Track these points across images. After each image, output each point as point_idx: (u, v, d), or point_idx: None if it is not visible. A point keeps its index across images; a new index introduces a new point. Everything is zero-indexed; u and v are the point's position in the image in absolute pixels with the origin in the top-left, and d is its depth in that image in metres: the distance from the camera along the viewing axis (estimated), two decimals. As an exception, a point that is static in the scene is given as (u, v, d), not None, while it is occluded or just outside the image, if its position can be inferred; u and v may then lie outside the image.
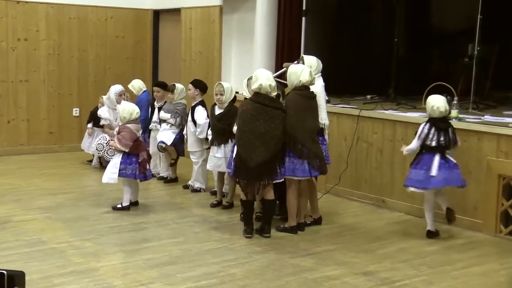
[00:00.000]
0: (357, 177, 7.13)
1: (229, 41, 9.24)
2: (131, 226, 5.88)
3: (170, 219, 6.17)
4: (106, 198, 6.85)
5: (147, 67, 10.52)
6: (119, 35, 10.20)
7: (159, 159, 7.95)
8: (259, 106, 5.44)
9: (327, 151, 5.90)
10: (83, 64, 9.87)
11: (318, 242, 5.58)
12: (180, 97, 7.56)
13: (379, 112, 6.96)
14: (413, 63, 9.08)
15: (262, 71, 5.59)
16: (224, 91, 6.55)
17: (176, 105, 7.52)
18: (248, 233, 5.61)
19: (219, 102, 6.59)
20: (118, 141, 6.29)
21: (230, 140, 6.48)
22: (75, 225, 5.85)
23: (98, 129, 8.52)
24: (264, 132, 5.42)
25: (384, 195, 6.85)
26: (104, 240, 5.45)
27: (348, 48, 8.69)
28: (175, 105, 7.52)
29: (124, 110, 6.39)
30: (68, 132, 9.81)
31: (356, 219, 6.40)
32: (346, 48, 8.66)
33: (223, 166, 6.59)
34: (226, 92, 6.55)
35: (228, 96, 6.58)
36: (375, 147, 6.92)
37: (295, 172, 5.57)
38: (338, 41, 8.60)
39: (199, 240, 5.50)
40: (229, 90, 6.59)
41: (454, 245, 5.61)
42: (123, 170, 6.28)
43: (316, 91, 5.73)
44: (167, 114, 7.52)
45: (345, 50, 8.63)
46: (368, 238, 5.74)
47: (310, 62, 5.91)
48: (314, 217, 6.11)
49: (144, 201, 6.73)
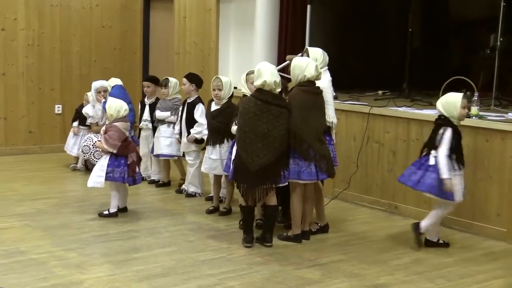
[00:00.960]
0: (367, 181, 7.14)
1: (227, 32, 9.24)
2: (119, 234, 5.89)
3: (162, 226, 6.18)
4: (92, 204, 6.85)
5: (136, 60, 10.52)
6: (106, 25, 10.21)
7: (150, 161, 7.96)
8: (262, 104, 5.44)
9: (334, 152, 5.91)
10: (66, 56, 9.88)
11: (324, 252, 5.58)
12: (175, 92, 7.57)
13: (391, 109, 6.97)
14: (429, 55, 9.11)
15: (266, 66, 5.57)
16: (222, 85, 6.56)
17: (173, 101, 7.50)
18: (247, 242, 5.62)
19: (216, 97, 6.60)
20: (104, 141, 6.30)
21: (226, 140, 6.49)
22: (57, 234, 5.85)
23: (84, 129, 8.53)
24: (267, 132, 5.43)
25: (397, 201, 6.86)
26: (89, 250, 5.45)
27: (357, 39, 8.70)
28: (172, 101, 7.51)
29: (111, 107, 6.39)
30: (50, 131, 9.81)
31: (367, 227, 6.41)
32: (356, 39, 8.67)
33: (218, 169, 6.60)
34: (224, 87, 6.56)
35: (226, 91, 6.59)
36: (387, 147, 6.93)
37: (300, 175, 5.58)
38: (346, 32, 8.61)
39: (194, 250, 5.51)
40: (228, 85, 6.60)
41: (474, 255, 5.62)
42: (110, 173, 6.28)
43: (322, 86, 5.74)
44: (165, 112, 7.50)
45: (355, 41, 8.65)
46: (379, 247, 5.75)
47: (316, 54, 5.92)
48: (320, 224, 6.12)
49: (134, 207, 6.74)
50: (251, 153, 5.42)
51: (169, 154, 7.54)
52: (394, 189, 6.86)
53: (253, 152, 5.42)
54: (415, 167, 5.62)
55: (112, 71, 9.36)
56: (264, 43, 8.60)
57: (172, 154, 7.53)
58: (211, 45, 9.21)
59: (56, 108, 9.85)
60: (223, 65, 9.20)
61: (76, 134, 8.60)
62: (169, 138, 7.47)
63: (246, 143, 5.45)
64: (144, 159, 7.55)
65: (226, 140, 6.50)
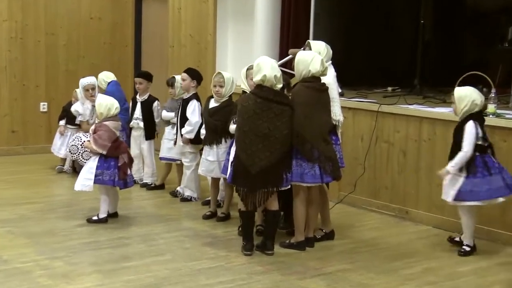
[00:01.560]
0: (376, 184, 7.14)
1: (225, 24, 9.24)
2: (109, 242, 5.89)
3: (155, 233, 6.18)
4: (80, 209, 6.85)
5: (128, 54, 10.53)
6: (95, 16, 10.21)
7: (142, 163, 7.97)
8: (263, 102, 5.44)
9: (340, 152, 5.92)
10: (51, 50, 9.88)
11: (330, 260, 5.58)
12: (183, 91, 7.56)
13: (402, 107, 6.97)
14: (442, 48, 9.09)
15: (266, 60, 5.58)
16: (224, 82, 6.56)
17: (180, 101, 7.47)
18: (247, 249, 5.62)
19: (217, 94, 6.61)
20: (94, 141, 6.30)
21: (224, 140, 6.50)
22: (42, 241, 5.85)
23: (71, 128, 8.53)
24: (268, 132, 5.43)
25: (408, 205, 6.86)
26: (76, 258, 5.45)
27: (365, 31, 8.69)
28: (178, 101, 7.45)
29: (101, 105, 6.39)
30: (34, 131, 9.82)
31: (375, 234, 6.41)
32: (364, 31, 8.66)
33: (215, 171, 6.61)
34: (226, 84, 6.57)
35: (228, 88, 6.59)
36: (398, 148, 6.93)
37: (303, 178, 5.58)
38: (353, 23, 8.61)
39: (189, 258, 5.51)
40: (230, 82, 6.60)
41: (491, 265, 5.61)
42: (99, 175, 6.28)
43: (327, 82, 5.74)
44: (170, 113, 7.50)
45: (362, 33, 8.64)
46: (389, 256, 5.75)
47: (318, 48, 5.92)
48: (325, 230, 6.13)
49: (125, 213, 6.74)
50: (251, 154, 5.43)
51: (170, 157, 7.56)
52: (405, 192, 6.86)
53: (254, 153, 5.42)
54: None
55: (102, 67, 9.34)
56: (265, 35, 8.61)
57: (173, 158, 7.54)
58: (208, 38, 9.21)
59: (41, 106, 9.85)
60: (221, 60, 9.20)
61: (63, 133, 8.60)
62: (171, 140, 7.49)
63: (245, 143, 5.46)
64: (135, 160, 7.55)
65: (224, 140, 6.51)
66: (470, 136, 5.57)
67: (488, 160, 5.61)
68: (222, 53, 9.22)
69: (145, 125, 7.78)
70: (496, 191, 5.59)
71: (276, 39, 8.61)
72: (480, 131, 5.63)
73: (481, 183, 5.56)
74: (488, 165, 5.60)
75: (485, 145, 5.64)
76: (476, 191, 5.56)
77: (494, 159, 5.66)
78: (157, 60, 10.10)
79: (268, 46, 8.54)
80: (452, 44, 9.26)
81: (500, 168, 5.63)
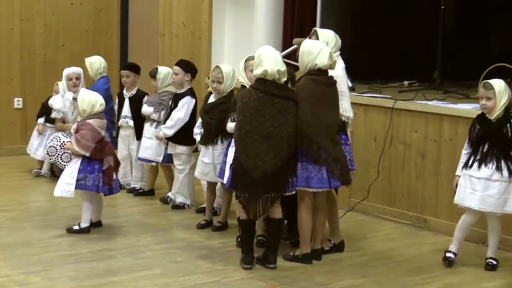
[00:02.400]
0: (390, 190, 7.15)
1: (222, 10, 9.26)
2: (91, 254, 5.89)
3: (143, 244, 6.19)
4: (59, 217, 6.86)
5: (113, 43, 10.53)
6: (76, 1, 10.21)
7: (130, 166, 7.98)
8: (265, 97, 5.45)
9: (351, 154, 5.93)
10: (27, 39, 9.88)
11: (339, 274, 5.59)
12: (166, 84, 7.56)
13: (420, 103, 6.98)
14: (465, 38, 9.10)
15: (268, 50, 5.58)
16: (222, 77, 6.57)
17: (161, 95, 7.51)
18: (247, 263, 5.63)
19: (216, 91, 6.62)
20: (75, 141, 6.30)
21: (220, 140, 6.51)
22: (17, 254, 5.85)
23: (51, 127, 8.53)
24: (272, 130, 5.44)
25: (427, 214, 6.87)
26: (55, 273, 5.45)
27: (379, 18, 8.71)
28: (160, 95, 7.51)
29: (83, 100, 6.39)
30: (8, 130, 9.82)
31: (390, 245, 6.42)
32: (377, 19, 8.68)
33: (211, 175, 6.62)
34: (225, 79, 6.56)
35: (228, 84, 6.58)
36: (415, 149, 6.94)
37: (309, 182, 5.59)
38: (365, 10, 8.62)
39: (182, 273, 5.51)
40: (229, 76, 6.60)
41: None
42: (82, 180, 6.28)
43: (336, 75, 5.75)
44: (150, 108, 7.53)
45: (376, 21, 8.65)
46: (405, 269, 5.76)
47: (326, 37, 5.93)
48: (334, 241, 6.14)
49: (110, 221, 6.75)
50: (253, 156, 5.43)
51: (146, 158, 7.56)
52: (423, 199, 6.88)
53: (256, 155, 5.43)
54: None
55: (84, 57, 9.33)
56: (266, 23, 8.62)
57: (149, 159, 7.55)
58: (203, 26, 9.22)
59: (15, 101, 9.86)
60: (217, 50, 9.21)
61: (41, 133, 8.60)
62: (150, 139, 7.49)
63: (248, 144, 5.46)
64: (123, 163, 7.56)
65: (220, 141, 6.51)
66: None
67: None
68: (218, 43, 9.23)
69: (135, 123, 7.76)
70: None
71: (279, 27, 8.62)
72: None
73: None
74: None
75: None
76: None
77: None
78: (146, 50, 10.11)
79: (270, 35, 8.55)
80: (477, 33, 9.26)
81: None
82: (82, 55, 9.67)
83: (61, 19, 10.10)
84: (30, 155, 8.72)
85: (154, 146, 7.44)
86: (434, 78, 8.07)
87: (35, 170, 8.64)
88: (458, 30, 8.99)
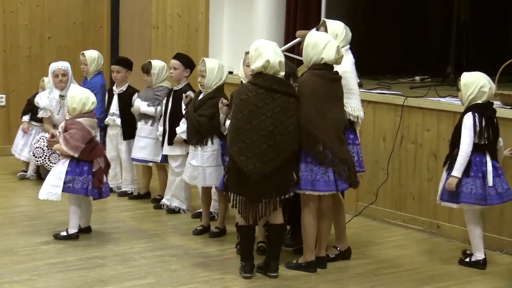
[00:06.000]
0: (401, 193, 7.17)
1: (220, 0, 9.27)
2: (80, 262, 5.91)
3: (136, 252, 6.21)
4: (45, 222, 6.88)
5: (103, 36, 10.54)
6: (63, -9, 10.25)
7: (120, 167, 8.00)
8: (265, 93, 5.46)
9: (360, 154, 5.94)
10: (10, 31, 9.89)
11: (346, 283, 5.61)
12: (161, 79, 7.57)
13: (432, 100, 6.99)
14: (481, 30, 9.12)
15: (265, 43, 5.59)
16: (205, 71, 6.59)
17: (155, 90, 7.54)
18: (247, 271, 5.64)
19: (200, 85, 6.65)
20: (64, 141, 6.30)
21: (210, 141, 6.53)
22: (1, 262, 5.85)
23: (37, 125, 8.55)
24: (273, 129, 5.44)
25: (440, 219, 6.88)
26: (42, 282, 5.46)
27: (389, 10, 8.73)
28: (155, 90, 7.55)
29: (74, 98, 6.38)
30: (-10, 129, 9.85)
31: (400, 252, 6.44)
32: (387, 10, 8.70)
33: (199, 179, 6.62)
34: (209, 73, 6.56)
35: (212, 78, 6.58)
36: (427, 150, 6.96)
37: (314, 185, 5.59)
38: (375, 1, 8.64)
39: (177, 282, 5.53)
40: (214, 71, 6.60)
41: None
42: (69, 183, 6.29)
43: (344, 70, 5.76)
44: (143, 102, 7.52)
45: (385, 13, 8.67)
46: (416, 279, 5.77)
47: (336, 29, 5.95)
48: (340, 248, 6.15)
49: (100, 227, 6.77)
50: (252, 157, 5.44)
51: (142, 158, 7.59)
52: (435, 203, 6.88)
53: (255, 156, 5.43)
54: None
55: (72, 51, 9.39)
56: (267, 15, 8.63)
57: (145, 159, 7.58)
58: (199, 18, 9.23)
59: (-2, 98, 9.89)
60: (215, 44, 9.22)
61: (27, 131, 8.61)
62: (144, 138, 7.52)
63: (246, 144, 5.46)
64: (112, 164, 7.55)
65: (210, 142, 6.52)
66: (472, 129, 5.77)
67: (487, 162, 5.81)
68: (216, 35, 9.25)
69: (122, 122, 7.78)
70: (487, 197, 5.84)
71: (281, 19, 8.63)
72: (484, 128, 5.77)
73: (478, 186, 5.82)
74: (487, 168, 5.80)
75: (482, 144, 5.77)
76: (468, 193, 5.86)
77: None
78: (138, 43, 10.13)
79: (272, 28, 8.56)
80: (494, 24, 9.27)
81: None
82: (69, 49, 9.75)
83: (46, 10, 10.10)
84: (15, 156, 8.72)
85: (151, 146, 7.47)
86: (448, 73, 8.08)
87: (20, 173, 8.64)
88: (474, 21, 8.99)
